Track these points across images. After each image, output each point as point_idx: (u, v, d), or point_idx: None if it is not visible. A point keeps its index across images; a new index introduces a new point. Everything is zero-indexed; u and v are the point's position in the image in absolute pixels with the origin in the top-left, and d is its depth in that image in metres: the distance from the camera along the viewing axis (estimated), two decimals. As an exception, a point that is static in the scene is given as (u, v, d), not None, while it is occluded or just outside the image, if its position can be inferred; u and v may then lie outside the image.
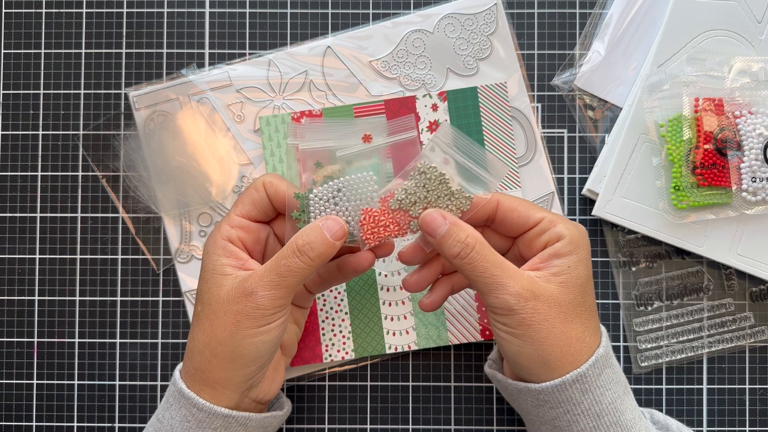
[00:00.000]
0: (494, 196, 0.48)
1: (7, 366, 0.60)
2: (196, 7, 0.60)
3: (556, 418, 0.46)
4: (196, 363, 0.47)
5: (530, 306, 0.45)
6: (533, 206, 0.49)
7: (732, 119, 0.55)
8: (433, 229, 0.46)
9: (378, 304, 0.58)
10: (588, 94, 0.59)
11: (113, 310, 0.59)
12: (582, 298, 0.46)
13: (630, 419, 0.46)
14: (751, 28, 0.57)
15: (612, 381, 0.47)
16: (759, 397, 0.59)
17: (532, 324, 0.45)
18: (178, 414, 0.47)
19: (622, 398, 0.47)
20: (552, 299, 0.45)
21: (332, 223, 0.46)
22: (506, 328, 0.46)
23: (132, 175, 0.59)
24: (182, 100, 0.59)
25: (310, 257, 0.45)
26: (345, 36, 0.59)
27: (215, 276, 0.47)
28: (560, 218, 0.48)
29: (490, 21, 0.59)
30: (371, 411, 0.59)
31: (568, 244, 0.47)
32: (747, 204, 0.55)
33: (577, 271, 0.46)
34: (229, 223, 0.48)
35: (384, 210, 0.47)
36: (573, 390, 0.45)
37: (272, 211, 0.49)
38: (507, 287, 0.45)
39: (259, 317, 0.45)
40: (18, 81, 0.60)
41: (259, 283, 0.45)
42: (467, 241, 0.45)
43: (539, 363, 0.45)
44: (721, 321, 0.59)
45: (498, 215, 0.49)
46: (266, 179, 0.49)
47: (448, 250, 0.46)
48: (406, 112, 0.58)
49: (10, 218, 0.60)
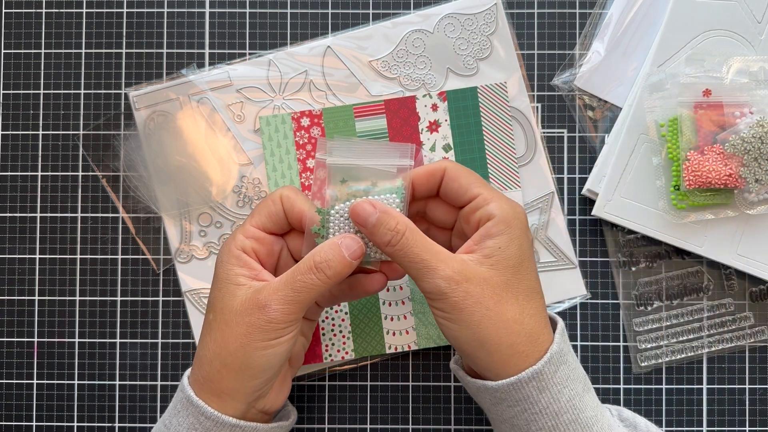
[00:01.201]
0: (443, 163, 0.48)
1: (7, 366, 0.60)
2: (196, 7, 0.60)
3: (514, 417, 0.46)
4: (205, 372, 0.47)
5: (462, 289, 0.44)
6: (476, 181, 0.48)
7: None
8: (363, 219, 0.46)
9: (378, 304, 0.58)
10: (588, 94, 0.59)
11: (113, 310, 0.60)
12: (516, 278, 0.45)
13: (590, 416, 0.46)
14: (751, 28, 0.57)
15: (569, 378, 0.46)
16: (759, 397, 0.59)
17: (465, 307, 0.44)
18: (186, 421, 0.47)
19: (581, 396, 0.46)
20: (484, 281, 0.45)
21: (351, 241, 0.46)
22: (442, 314, 0.45)
23: (132, 175, 0.59)
24: (182, 100, 0.59)
25: (327, 275, 0.45)
26: (345, 36, 0.59)
27: (229, 285, 0.47)
28: (497, 196, 0.47)
29: (490, 21, 0.59)
30: (371, 411, 0.59)
31: (499, 223, 0.46)
32: (748, 204, 0.55)
33: (509, 251, 0.45)
34: (244, 234, 0.48)
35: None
36: (529, 388, 0.45)
37: (287, 224, 0.49)
38: (437, 271, 0.44)
39: (270, 330, 0.45)
40: (18, 81, 0.60)
41: (273, 296, 0.45)
42: (397, 228, 0.45)
43: (477, 346, 0.45)
44: (721, 321, 0.59)
45: (443, 183, 0.48)
46: (284, 193, 0.48)
47: (380, 238, 0.45)
48: (406, 112, 0.58)
49: (10, 218, 0.60)
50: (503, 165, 0.59)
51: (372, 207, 0.46)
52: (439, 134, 0.58)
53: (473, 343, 0.45)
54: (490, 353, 0.45)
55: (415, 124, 0.58)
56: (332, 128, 0.58)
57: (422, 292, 0.46)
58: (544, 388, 0.45)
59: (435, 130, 0.58)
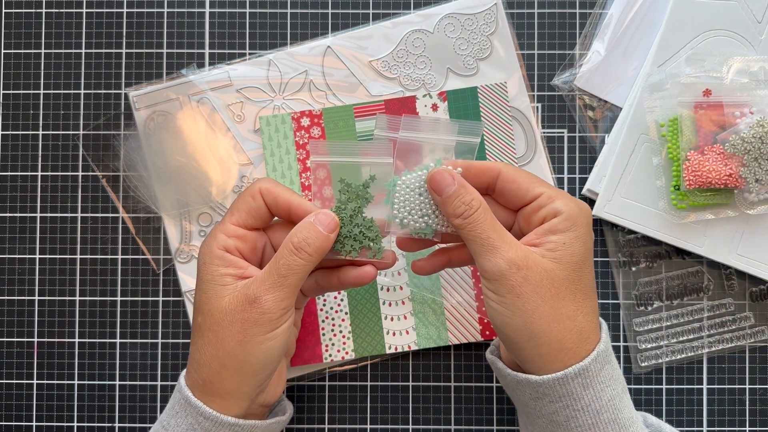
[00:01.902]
0: (497, 165, 0.48)
1: (7, 366, 0.60)
2: (196, 7, 0.60)
3: (555, 413, 0.46)
4: (204, 375, 0.46)
5: (521, 274, 0.44)
6: (535, 180, 0.48)
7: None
8: (441, 188, 0.46)
9: (378, 304, 0.58)
10: (588, 94, 0.59)
11: (113, 310, 0.59)
12: (577, 276, 0.46)
13: (628, 418, 0.46)
14: (751, 28, 0.57)
15: (612, 378, 0.46)
16: (759, 397, 0.59)
17: (522, 294, 0.44)
18: (185, 422, 0.46)
19: (621, 396, 0.46)
20: (545, 272, 0.45)
21: (324, 216, 0.46)
22: (496, 296, 0.45)
23: (132, 175, 0.59)
24: (182, 100, 0.59)
25: (309, 252, 0.45)
26: (345, 36, 0.59)
27: (215, 287, 0.46)
28: (561, 194, 0.47)
29: (490, 21, 0.59)
30: (371, 411, 0.59)
31: (565, 220, 0.46)
32: (748, 204, 0.55)
33: (574, 248, 0.45)
34: (226, 233, 0.47)
35: None
36: (574, 384, 0.45)
37: (270, 218, 0.49)
38: (501, 251, 0.45)
39: (266, 322, 0.45)
40: (18, 81, 0.60)
41: (261, 287, 0.45)
42: (472, 203, 0.46)
43: (527, 337, 0.45)
44: (721, 321, 0.59)
45: (498, 185, 0.48)
46: (263, 186, 0.48)
47: (453, 209, 0.46)
48: (406, 112, 0.58)
49: (10, 218, 0.60)
50: (503, 165, 0.59)
51: (451, 178, 0.46)
52: (439, 134, 0.59)
53: (523, 332, 0.45)
54: (538, 345, 0.45)
55: (415, 124, 0.58)
56: (332, 128, 0.58)
57: (480, 270, 0.46)
58: (588, 386, 0.45)
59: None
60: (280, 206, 0.48)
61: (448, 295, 0.58)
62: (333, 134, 0.58)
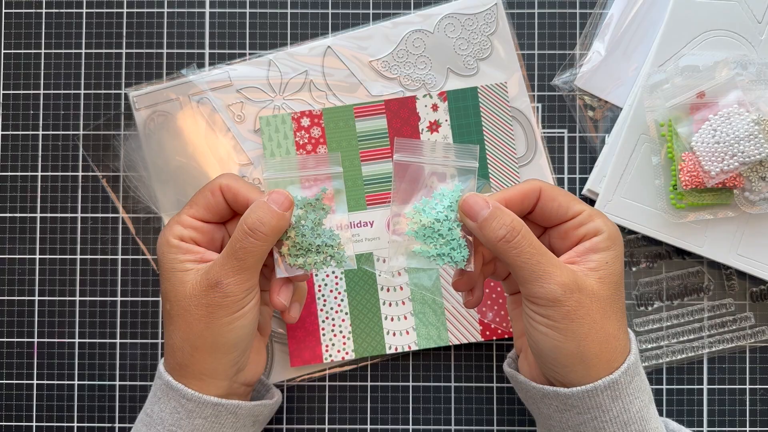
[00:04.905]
0: (537, 183, 0.47)
1: (7, 366, 0.60)
2: (196, 7, 0.60)
3: (582, 424, 0.45)
4: (178, 359, 0.47)
5: (575, 298, 0.43)
6: (573, 198, 0.47)
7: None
8: (475, 213, 0.45)
9: (378, 304, 0.58)
10: (588, 94, 0.59)
11: (113, 310, 0.59)
12: (618, 295, 0.46)
13: (654, 428, 0.46)
14: (751, 28, 0.57)
15: (640, 389, 0.46)
16: (759, 397, 0.59)
17: (576, 318, 0.43)
18: (168, 406, 0.47)
19: (648, 407, 0.46)
20: (593, 293, 0.44)
21: (277, 195, 0.46)
22: (547, 321, 0.44)
23: (132, 175, 0.59)
24: (182, 100, 0.59)
25: (264, 232, 0.45)
26: (345, 36, 0.59)
27: (176, 274, 0.47)
28: (599, 213, 0.47)
29: (491, 21, 0.59)
30: (371, 411, 0.59)
31: (607, 239, 0.45)
32: (749, 203, 0.55)
33: (614, 267, 0.45)
34: (181, 224, 0.48)
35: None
36: (604, 396, 0.44)
37: (228, 213, 0.49)
38: (554, 276, 0.43)
39: (230, 305, 0.45)
40: (18, 81, 0.60)
41: (221, 271, 0.45)
42: (513, 225, 0.44)
43: (578, 360, 0.44)
44: (722, 321, 0.59)
45: (539, 203, 0.47)
46: (223, 183, 0.48)
47: (493, 233, 0.44)
48: (406, 112, 0.58)
49: (10, 218, 0.60)
50: (503, 165, 0.59)
51: (484, 201, 0.45)
52: (439, 134, 0.58)
53: (576, 355, 0.44)
54: (588, 367, 0.44)
55: (415, 124, 0.58)
56: (332, 128, 0.58)
57: (529, 296, 0.44)
58: (617, 397, 0.44)
59: (435, 131, 0.58)
60: (240, 203, 0.48)
61: (449, 296, 0.58)
62: (333, 134, 0.58)
